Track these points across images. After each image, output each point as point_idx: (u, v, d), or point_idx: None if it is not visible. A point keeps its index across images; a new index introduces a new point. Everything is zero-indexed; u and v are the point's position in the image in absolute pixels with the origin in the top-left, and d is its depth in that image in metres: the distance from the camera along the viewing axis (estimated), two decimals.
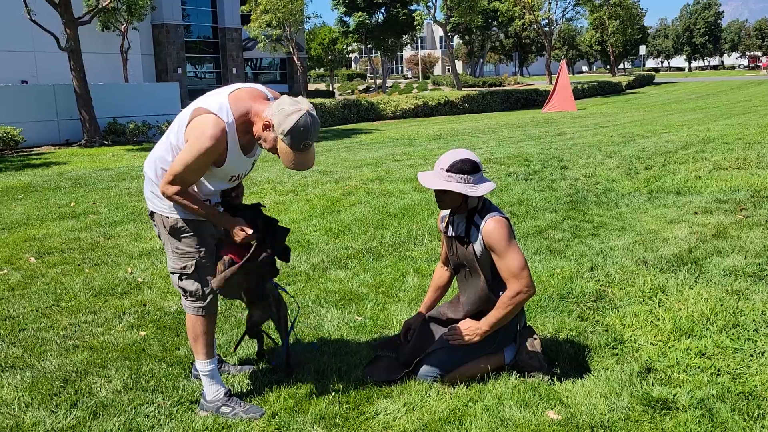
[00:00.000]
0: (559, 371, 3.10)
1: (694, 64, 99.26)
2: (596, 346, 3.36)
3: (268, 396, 2.96)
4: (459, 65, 66.44)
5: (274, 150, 2.61)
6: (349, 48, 55.02)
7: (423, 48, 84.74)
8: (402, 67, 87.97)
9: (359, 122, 22.40)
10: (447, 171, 2.92)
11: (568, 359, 3.23)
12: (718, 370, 3.06)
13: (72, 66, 15.43)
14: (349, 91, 49.71)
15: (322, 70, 60.43)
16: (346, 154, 12.29)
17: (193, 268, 2.80)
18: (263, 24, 32.39)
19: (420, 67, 69.24)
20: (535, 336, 3.14)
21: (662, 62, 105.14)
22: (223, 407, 2.83)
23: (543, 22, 44.51)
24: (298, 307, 3.72)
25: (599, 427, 2.64)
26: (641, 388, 2.92)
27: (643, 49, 61.91)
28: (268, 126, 2.57)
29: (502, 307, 2.93)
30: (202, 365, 2.88)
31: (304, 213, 6.83)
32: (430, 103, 25.21)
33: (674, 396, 2.84)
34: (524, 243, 5.34)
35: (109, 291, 4.53)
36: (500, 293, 2.98)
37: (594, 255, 4.93)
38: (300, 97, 2.64)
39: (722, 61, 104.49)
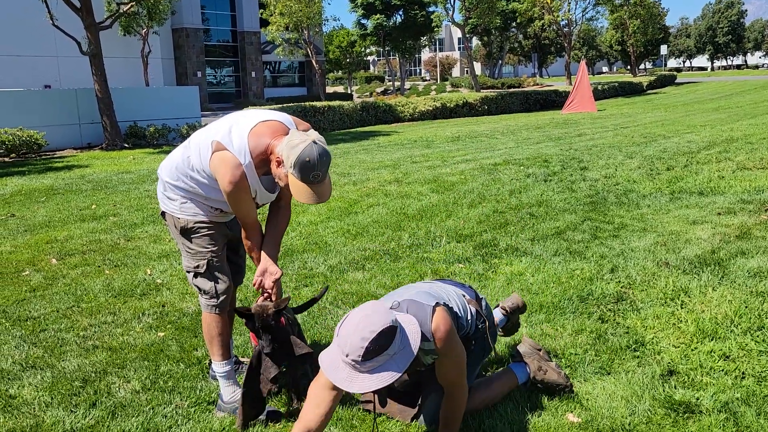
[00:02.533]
0: (578, 374, 3.05)
1: (716, 63, 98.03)
2: (617, 348, 3.30)
3: (285, 397, 2.96)
4: (477, 67, 66.26)
5: (288, 188, 2.56)
6: (367, 50, 55.13)
7: (441, 50, 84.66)
8: (420, 69, 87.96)
9: (377, 124, 22.40)
10: (364, 361, 2.12)
11: (588, 361, 3.18)
12: (743, 373, 2.99)
13: (93, 70, 15.63)
14: (368, 93, 49.79)
15: (340, 72, 60.64)
16: (364, 156, 12.29)
17: (205, 267, 2.81)
18: (281, 27, 32.57)
19: (438, 69, 69.16)
20: (540, 348, 2.98)
21: (684, 62, 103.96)
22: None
23: (563, 23, 44.20)
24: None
25: (620, 430, 2.59)
26: (663, 390, 2.87)
27: (664, 49, 61.25)
28: (279, 162, 2.54)
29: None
30: (219, 366, 2.88)
31: (321, 215, 6.83)
32: (448, 104, 25.15)
33: (697, 399, 2.78)
34: (543, 244, 5.30)
35: (129, 292, 4.56)
36: None
37: (614, 256, 4.87)
38: (311, 130, 2.59)
39: (745, 61, 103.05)
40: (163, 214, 2.88)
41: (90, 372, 3.28)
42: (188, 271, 2.86)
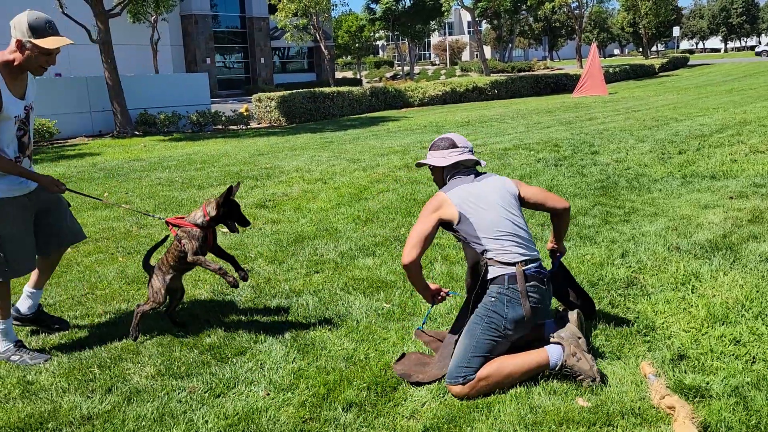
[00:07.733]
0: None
1: (730, 45, 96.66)
2: (627, 333, 3.31)
3: (299, 383, 2.99)
4: (487, 51, 65.73)
5: (41, 59, 3.01)
6: (376, 35, 54.78)
7: (451, 34, 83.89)
8: (429, 54, 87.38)
9: (387, 110, 22.35)
10: (429, 150, 3.21)
11: (599, 346, 3.19)
12: (754, 358, 3.00)
13: (103, 58, 15.67)
14: (377, 78, 49.58)
15: (349, 57, 60.33)
16: (373, 141, 12.28)
17: None
18: (290, 13, 32.42)
19: (448, 53, 68.64)
20: (581, 336, 2.94)
21: (697, 44, 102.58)
22: (12, 356, 3.31)
23: (573, 5, 43.70)
24: None
25: (630, 414, 2.61)
26: (674, 375, 2.88)
27: (676, 31, 60.41)
28: (19, 45, 2.93)
29: None
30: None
31: (332, 201, 6.85)
32: (458, 89, 25.02)
33: (707, 383, 2.79)
34: None
35: (142, 279, 4.60)
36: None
37: (625, 241, 4.86)
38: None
39: (759, 42, 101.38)
40: None
41: (105, 358, 3.33)
42: None
